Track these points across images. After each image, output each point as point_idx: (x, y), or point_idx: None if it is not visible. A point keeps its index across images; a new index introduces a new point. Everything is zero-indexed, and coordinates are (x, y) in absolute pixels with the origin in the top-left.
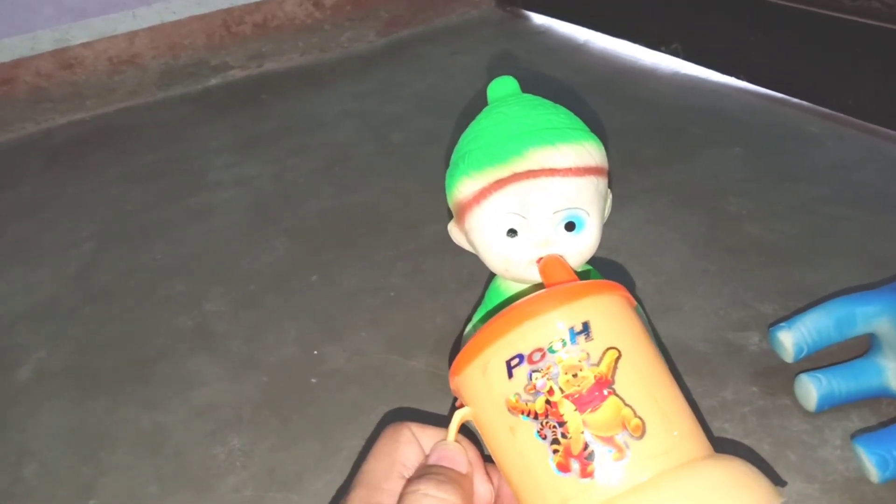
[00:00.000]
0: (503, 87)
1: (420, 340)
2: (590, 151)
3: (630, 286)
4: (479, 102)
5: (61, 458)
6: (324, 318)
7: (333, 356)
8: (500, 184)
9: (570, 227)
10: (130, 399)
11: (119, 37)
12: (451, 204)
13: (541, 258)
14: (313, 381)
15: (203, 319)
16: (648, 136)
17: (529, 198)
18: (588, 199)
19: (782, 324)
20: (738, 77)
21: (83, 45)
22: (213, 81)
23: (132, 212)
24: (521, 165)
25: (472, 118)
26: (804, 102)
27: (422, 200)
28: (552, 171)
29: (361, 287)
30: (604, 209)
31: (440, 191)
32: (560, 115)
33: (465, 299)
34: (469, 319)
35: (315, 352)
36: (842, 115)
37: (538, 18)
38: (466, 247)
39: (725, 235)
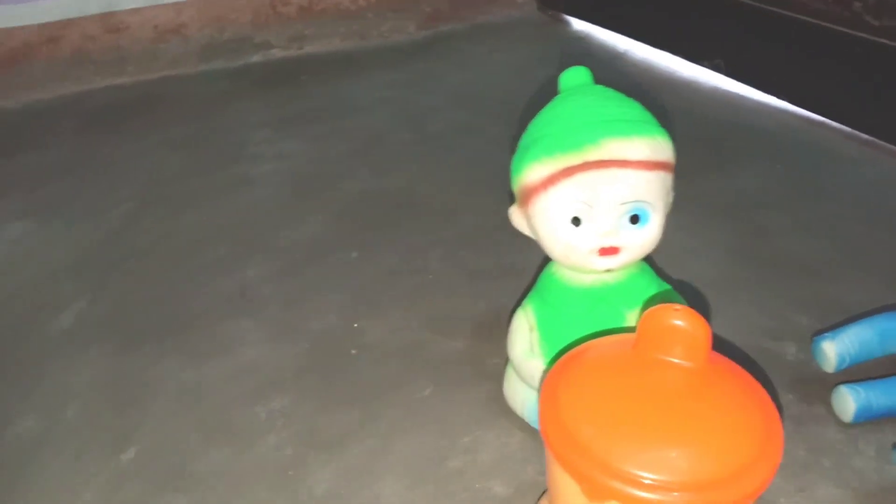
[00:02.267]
0: (576, 77)
1: (460, 323)
2: (662, 146)
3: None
4: (520, 100)
5: (104, 403)
6: (363, 293)
7: (373, 330)
8: (570, 171)
9: (633, 219)
10: (173, 353)
11: (167, 6)
12: (516, 188)
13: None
14: (353, 352)
15: (245, 284)
16: (687, 147)
17: (598, 187)
18: (655, 194)
19: (826, 333)
20: (778, 97)
21: (131, 11)
22: (255, 59)
23: (171, 177)
24: (593, 154)
25: (514, 115)
26: (843, 126)
27: (458, 189)
28: (624, 163)
29: (400, 267)
30: (667, 205)
31: (476, 181)
32: (634, 108)
33: (505, 287)
34: (519, 304)
35: (355, 325)
36: (880, 141)
37: (579, 24)
38: (526, 231)
39: (762, 248)
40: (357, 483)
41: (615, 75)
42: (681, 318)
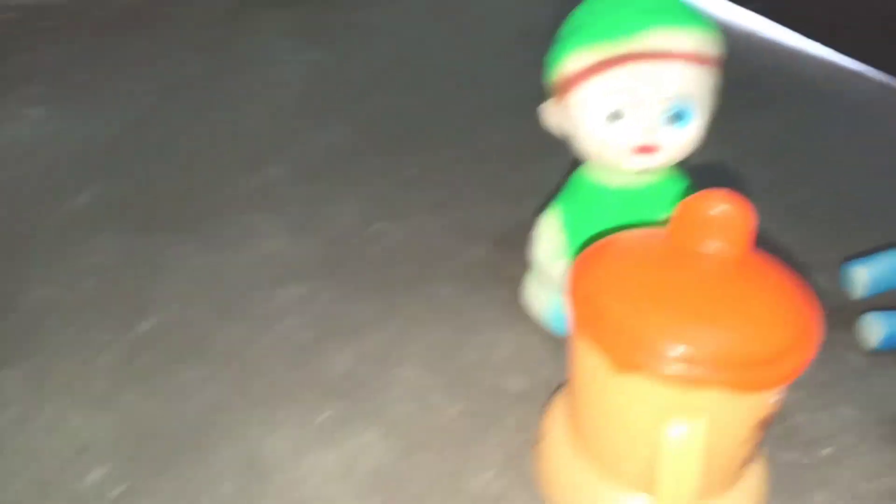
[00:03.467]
0: None
1: (480, 233)
2: (712, 40)
3: None
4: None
5: (119, 279)
6: (384, 199)
7: (392, 233)
8: (613, 62)
9: (675, 118)
10: (189, 240)
11: None
12: (552, 80)
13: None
14: (372, 251)
15: (264, 182)
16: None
17: (642, 80)
18: (701, 91)
19: (857, 260)
20: (819, 41)
21: None
22: None
23: (192, 78)
24: (639, 44)
25: (546, 42)
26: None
27: (488, 110)
28: (671, 55)
29: (424, 176)
30: (710, 107)
31: (507, 103)
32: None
33: (527, 204)
34: (547, 206)
35: (374, 227)
36: None
37: None
38: (558, 129)
39: (795, 190)
40: (374, 367)
41: None
42: (723, 202)
